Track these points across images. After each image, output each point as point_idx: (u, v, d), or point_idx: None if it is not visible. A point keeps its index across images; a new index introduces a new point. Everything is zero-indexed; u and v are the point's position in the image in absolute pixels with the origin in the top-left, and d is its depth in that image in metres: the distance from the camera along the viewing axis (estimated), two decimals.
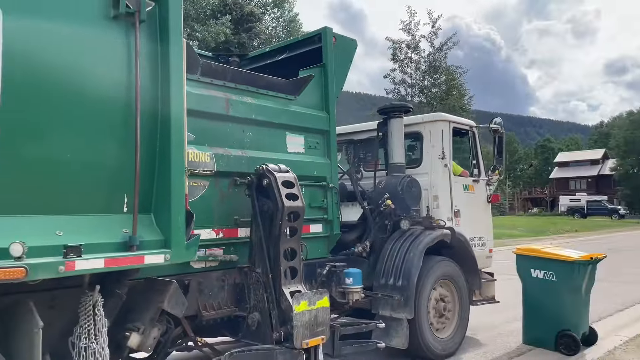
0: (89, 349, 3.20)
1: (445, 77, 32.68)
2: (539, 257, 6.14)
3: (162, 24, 3.71)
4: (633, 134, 61.86)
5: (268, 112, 5.15)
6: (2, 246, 2.82)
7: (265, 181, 4.50)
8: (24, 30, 3.03)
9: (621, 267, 13.58)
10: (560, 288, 5.93)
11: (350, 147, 6.87)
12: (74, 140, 3.26)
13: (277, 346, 4.28)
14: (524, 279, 6.22)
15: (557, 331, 5.95)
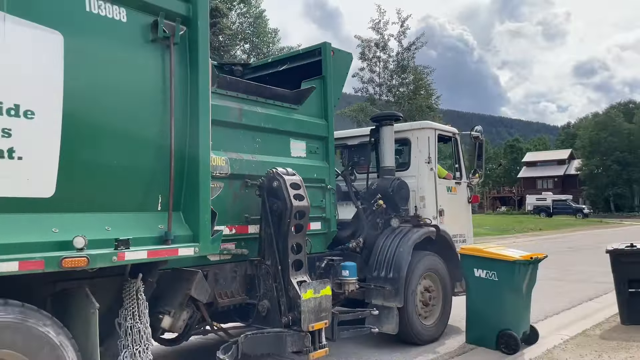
0: (134, 328, 3.71)
1: (413, 76, 32.69)
2: (482, 257, 6.13)
3: (192, 45, 4.22)
4: (598, 135, 63.60)
5: (275, 120, 5.69)
6: (67, 239, 3.33)
7: (275, 183, 5.04)
8: (81, 51, 3.51)
9: (575, 265, 13.96)
10: (501, 288, 5.95)
11: (345, 151, 7.44)
12: (121, 148, 3.76)
13: (285, 329, 4.83)
14: (468, 278, 6.26)
15: (498, 330, 5.96)
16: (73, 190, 3.48)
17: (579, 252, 18.00)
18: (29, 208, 3.29)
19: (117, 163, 3.74)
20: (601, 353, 5.89)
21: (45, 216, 3.35)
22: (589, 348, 6.13)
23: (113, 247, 3.49)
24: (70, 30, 3.45)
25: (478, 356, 6.02)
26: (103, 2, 3.67)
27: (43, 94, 3.31)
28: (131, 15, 3.84)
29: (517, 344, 5.91)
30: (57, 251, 3.25)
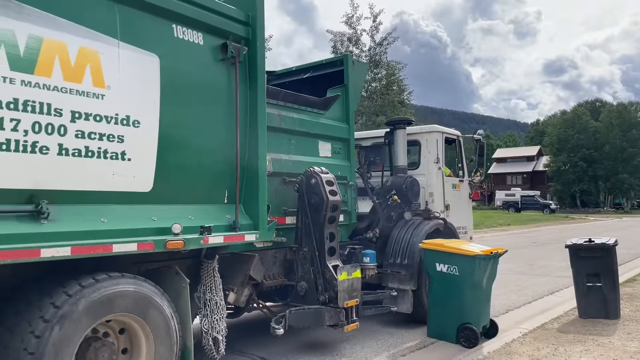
0: (212, 300, 4.46)
1: (385, 71, 32.15)
2: (443, 252, 6.19)
3: (251, 62, 4.96)
4: (565, 132, 64.71)
5: (306, 124, 6.43)
6: (163, 226, 4.06)
7: (313, 180, 5.80)
8: (171, 70, 4.23)
9: (539, 260, 14.15)
10: (462, 282, 6.02)
11: (361, 151, 8.22)
12: (200, 152, 4.50)
13: (323, 306, 5.61)
14: (430, 272, 6.33)
15: (459, 324, 6.03)
16: (165, 185, 4.20)
17: (543, 247, 18.07)
18: (135, 200, 4.01)
19: (197, 164, 4.48)
20: (558, 346, 5.96)
21: (146, 207, 4.07)
22: (546, 341, 6.19)
23: (198, 233, 4.23)
24: (163, 53, 4.17)
25: (438, 351, 6.03)
26: (186, 29, 4.40)
27: (146, 106, 4.03)
28: (206, 39, 4.58)
29: (476, 337, 5.97)
30: (157, 236, 3.98)
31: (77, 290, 3.42)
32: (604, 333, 6.51)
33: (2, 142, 3.19)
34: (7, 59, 3.20)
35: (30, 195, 3.37)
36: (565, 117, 71.09)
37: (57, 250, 3.32)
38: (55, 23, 3.46)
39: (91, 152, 3.66)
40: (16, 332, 3.33)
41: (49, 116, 3.40)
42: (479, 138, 8.22)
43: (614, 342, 6.09)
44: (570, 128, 65.13)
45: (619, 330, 6.65)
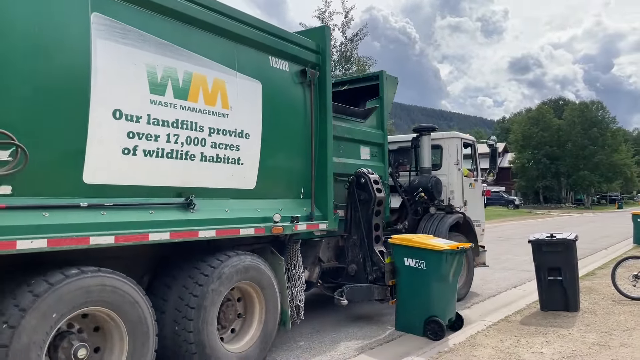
0: (295, 275, 5.62)
1: (356, 67, 31.81)
2: (412, 247, 6.29)
3: (321, 84, 6.10)
4: (530, 130, 65.56)
5: (351, 132, 7.55)
6: (265, 215, 5.20)
7: (362, 180, 6.95)
8: (269, 93, 5.36)
9: (503, 254, 14.27)
10: (429, 276, 6.14)
11: (390, 154, 9.38)
12: (288, 157, 5.64)
13: (372, 284, 6.78)
14: (399, 267, 6.42)
15: (426, 317, 6.16)
16: (264, 184, 5.33)
17: (507, 242, 18.26)
18: (244, 195, 5.15)
19: (285, 166, 5.63)
20: (520, 338, 6.13)
21: (251, 200, 5.21)
22: (509, 333, 6.36)
23: (289, 221, 5.39)
24: (264, 79, 5.31)
25: (405, 344, 6.13)
26: (278, 59, 5.54)
27: (253, 122, 5.16)
28: (290, 67, 5.72)
29: (442, 330, 6.10)
30: (263, 223, 5.12)
31: (225, 258, 4.58)
32: (564, 325, 6.73)
33: (168, 152, 4.32)
34: (172, 90, 4.33)
35: (182, 192, 4.50)
36: (529, 114, 71.62)
37: (207, 232, 4.47)
38: (200, 60, 4.59)
39: (220, 158, 4.79)
40: (173, 293, 4.49)
41: (195, 131, 4.53)
42: (492, 143, 9.43)
43: (573, 333, 6.32)
44: (535, 126, 65.90)
45: (578, 322, 6.86)
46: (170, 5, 4.34)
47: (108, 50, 3.84)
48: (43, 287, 3.32)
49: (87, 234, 3.62)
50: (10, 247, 3.19)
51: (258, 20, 5.32)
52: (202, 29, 4.65)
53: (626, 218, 22.44)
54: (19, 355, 3.19)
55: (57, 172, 3.61)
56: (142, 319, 3.92)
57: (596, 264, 12.58)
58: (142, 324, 3.93)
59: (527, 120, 69.37)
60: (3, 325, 3.17)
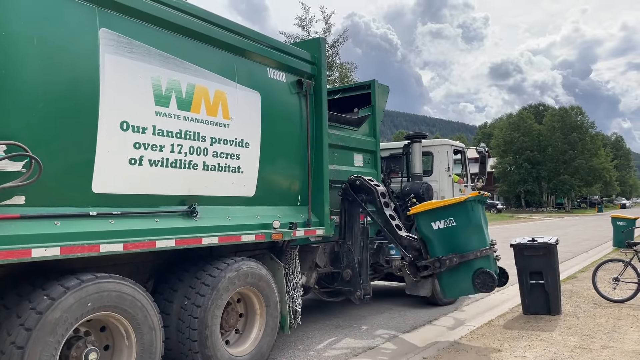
0: (293, 280, 5.75)
1: (338, 73, 32.28)
2: (436, 208, 6.22)
3: (316, 93, 6.26)
4: (511, 135, 66.84)
5: (345, 139, 7.72)
6: (264, 222, 5.33)
7: (357, 182, 7.05)
8: (267, 103, 5.50)
9: None
10: (462, 229, 6.07)
11: (382, 161, 9.56)
12: (286, 165, 5.79)
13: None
14: (428, 235, 6.30)
15: (472, 272, 6.07)
16: (262, 191, 5.47)
17: None
18: (244, 203, 5.28)
19: (283, 174, 5.77)
20: (503, 342, 6.18)
21: (250, 208, 5.34)
22: (492, 338, 6.42)
23: (288, 228, 5.52)
24: (262, 90, 5.45)
25: (389, 348, 6.17)
26: (275, 70, 5.69)
27: (253, 131, 5.30)
28: (287, 77, 5.88)
29: (493, 279, 6.02)
30: (262, 230, 5.25)
31: (225, 267, 4.69)
32: (547, 328, 6.80)
33: (172, 162, 4.43)
34: (176, 101, 4.45)
35: (185, 200, 4.62)
36: (510, 120, 72.89)
37: (211, 239, 4.58)
38: (202, 73, 4.72)
39: (221, 167, 4.92)
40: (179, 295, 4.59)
41: (198, 141, 4.65)
42: (481, 150, 9.67)
43: (555, 337, 6.39)
44: (516, 131, 67.08)
45: (560, 325, 6.94)
46: (174, 20, 4.47)
47: (115, 64, 3.96)
48: (58, 291, 3.41)
49: (98, 242, 3.72)
50: (26, 255, 3.28)
51: (256, 33, 5.47)
52: (204, 42, 4.79)
53: (606, 221, 22.84)
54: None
55: (67, 182, 3.71)
56: (151, 326, 4.02)
57: (577, 267, 12.79)
58: (151, 331, 4.03)
59: (508, 125, 70.44)
60: (20, 328, 3.26)
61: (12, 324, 3.33)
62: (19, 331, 3.28)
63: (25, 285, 3.55)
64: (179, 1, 4.69)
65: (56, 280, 3.51)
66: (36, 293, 3.43)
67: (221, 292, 4.63)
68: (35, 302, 3.39)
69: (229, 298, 4.79)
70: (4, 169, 3.29)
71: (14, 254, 3.23)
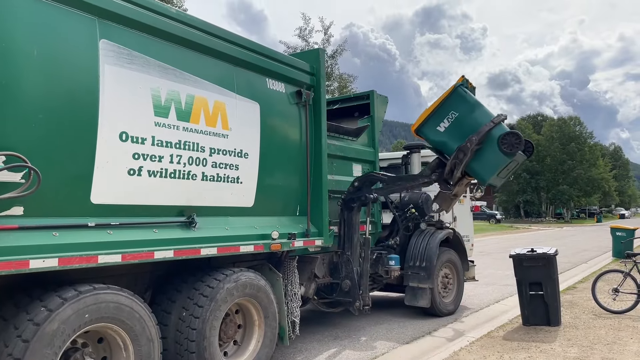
0: (292, 291, 5.72)
1: (337, 84, 32.58)
2: (433, 111, 6.53)
3: (316, 104, 6.28)
4: None
5: (344, 150, 7.73)
6: (263, 233, 5.32)
7: (355, 183, 7.09)
8: (266, 113, 5.51)
9: (486, 269, 14.11)
10: (467, 114, 6.36)
11: (382, 171, 9.56)
12: (285, 175, 5.79)
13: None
14: (439, 140, 6.60)
15: (496, 141, 6.15)
16: (261, 201, 5.46)
17: (489, 256, 18.22)
18: (243, 213, 5.27)
19: (282, 184, 5.77)
20: (503, 354, 6.15)
21: (249, 218, 5.34)
22: (492, 349, 6.40)
23: (287, 238, 5.51)
24: (262, 100, 5.47)
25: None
26: (274, 81, 5.71)
27: (252, 141, 5.31)
28: (286, 88, 5.90)
29: (519, 137, 6.10)
30: (260, 240, 5.24)
31: (223, 277, 4.67)
32: (546, 340, 6.77)
33: (171, 172, 4.44)
34: (176, 112, 4.46)
35: (184, 210, 4.61)
36: None
37: (209, 250, 4.57)
38: (201, 83, 4.74)
39: (220, 177, 4.92)
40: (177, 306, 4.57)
41: (197, 152, 4.66)
42: None
43: (555, 348, 6.36)
44: None
45: (560, 337, 6.91)
46: (173, 31, 4.50)
47: (115, 75, 3.98)
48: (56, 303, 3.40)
49: (96, 253, 3.72)
50: (24, 267, 3.28)
51: (256, 44, 5.50)
52: (203, 53, 4.81)
53: (605, 232, 22.80)
54: None
55: (66, 193, 3.71)
56: (149, 337, 4.00)
57: (576, 278, 12.75)
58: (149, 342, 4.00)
59: None
60: (17, 340, 3.24)
61: (9, 335, 3.31)
62: (16, 343, 3.26)
63: (22, 296, 3.54)
64: (178, 12, 4.72)
65: (54, 292, 3.49)
66: (34, 304, 3.41)
67: (219, 303, 4.61)
68: (32, 313, 3.37)
69: (227, 309, 4.77)
70: (2, 179, 3.29)
71: (11, 265, 3.22)
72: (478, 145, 6.16)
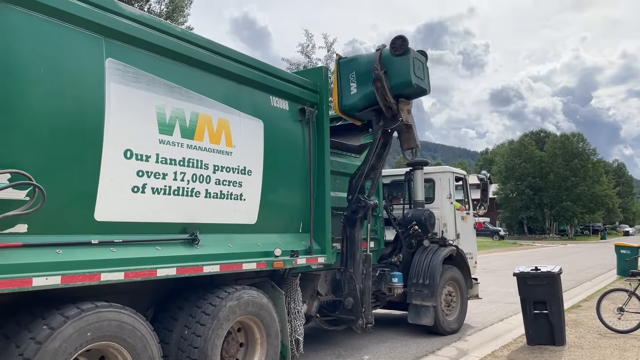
0: (295, 309, 5.69)
1: None
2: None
3: (319, 121, 6.31)
4: (512, 161, 66.72)
5: (347, 166, 7.74)
6: (266, 250, 5.31)
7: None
8: (270, 130, 5.54)
9: (490, 286, 13.98)
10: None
11: (384, 188, 9.57)
12: (288, 192, 5.79)
13: None
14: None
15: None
16: (264, 219, 5.46)
17: (493, 274, 18.11)
18: (246, 230, 5.27)
19: (285, 201, 5.77)
20: None
21: (252, 235, 5.33)
22: None
23: (289, 255, 5.50)
24: (265, 118, 5.50)
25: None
26: (278, 98, 5.75)
27: (255, 159, 5.32)
28: (290, 105, 5.93)
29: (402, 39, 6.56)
30: (263, 257, 5.23)
31: (225, 295, 4.66)
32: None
33: (175, 189, 4.45)
34: (180, 130, 4.49)
35: (187, 227, 4.61)
36: (512, 146, 72.72)
37: (212, 267, 4.57)
38: (206, 101, 4.77)
39: (223, 194, 4.93)
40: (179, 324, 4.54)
41: (201, 169, 4.68)
42: (483, 177, 9.69)
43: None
44: (517, 157, 66.97)
45: (565, 356, 6.83)
46: (178, 49, 4.54)
47: (121, 93, 4.01)
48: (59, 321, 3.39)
49: (98, 271, 3.71)
50: (27, 285, 3.27)
51: (260, 62, 5.55)
52: (208, 72, 4.86)
53: (609, 249, 22.61)
54: None
55: (70, 210, 3.72)
56: (150, 355, 3.97)
57: (581, 296, 12.66)
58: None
59: (509, 152, 70.42)
60: (19, 358, 3.22)
61: (11, 353, 3.30)
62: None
63: (25, 314, 3.53)
64: (183, 31, 4.78)
65: (56, 309, 3.48)
66: (36, 322, 3.40)
67: (222, 322, 4.59)
68: (34, 331, 3.36)
69: (229, 327, 4.75)
70: (7, 197, 3.30)
71: (14, 282, 3.22)
72: (383, 69, 6.52)
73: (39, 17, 3.56)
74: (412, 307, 8.20)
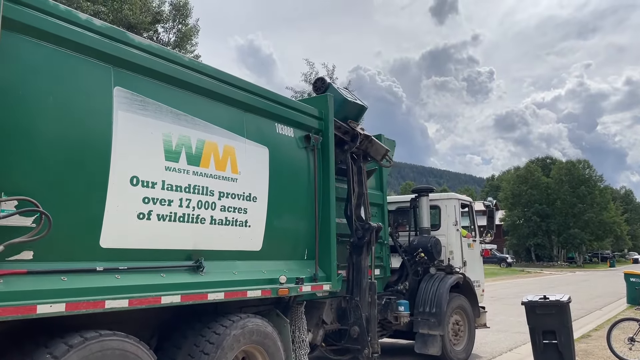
0: (299, 338, 5.61)
1: None
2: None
3: (324, 147, 6.34)
4: (519, 188, 66.74)
5: None
6: (270, 277, 5.27)
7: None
8: (276, 157, 5.56)
9: (497, 315, 13.79)
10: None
11: (390, 215, 9.54)
12: (293, 219, 5.78)
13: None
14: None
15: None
16: (269, 245, 5.44)
17: (500, 302, 18.03)
18: (251, 257, 5.24)
19: (290, 228, 5.76)
20: None
21: (257, 262, 5.30)
22: None
23: (294, 283, 5.45)
24: (271, 145, 5.53)
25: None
26: (283, 125, 5.79)
27: (260, 185, 5.34)
28: (295, 132, 5.97)
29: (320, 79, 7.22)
30: (267, 285, 5.19)
31: (230, 324, 4.60)
32: None
33: (180, 216, 4.45)
34: (186, 157, 4.52)
35: (192, 254, 4.60)
36: (518, 173, 72.87)
37: (216, 294, 4.53)
38: (212, 129, 4.81)
39: (228, 221, 4.92)
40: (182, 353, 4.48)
41: (206, 196, 4.69)
42: (489, 204, 9.66)
43: None
44: (524, 184, 66.95)
45: None
46: (186, 78, 4.61)
47: (128, 121, 4.06)
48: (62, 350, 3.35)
49: (103, 298, 3.69)
50: (31, 312, 3.25)
51: (265, 90, 5.62)
52: (214, 100, 4.91)
53: (619, 277, 22.31)
54: None
55: (76, 237, 3.72)
56: None
57: (591, 326, 12.47)
58: None
59: (515, 178, 70.36)
60: None
61: None
62: None
63: (28, 342, 3.50)
64: (191, 60, 4.86)
65: (60, 338, 3.45)
66: (39, 351, 3.37)
67: (226, 351, 4.52)
68: None
69: (233, 356, 4.67)
70: (14, 224, 3.31)
71: (19, 310, 3.21)
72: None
73: (49, 46, 3.63)
74: (419, 336, 8.09)
